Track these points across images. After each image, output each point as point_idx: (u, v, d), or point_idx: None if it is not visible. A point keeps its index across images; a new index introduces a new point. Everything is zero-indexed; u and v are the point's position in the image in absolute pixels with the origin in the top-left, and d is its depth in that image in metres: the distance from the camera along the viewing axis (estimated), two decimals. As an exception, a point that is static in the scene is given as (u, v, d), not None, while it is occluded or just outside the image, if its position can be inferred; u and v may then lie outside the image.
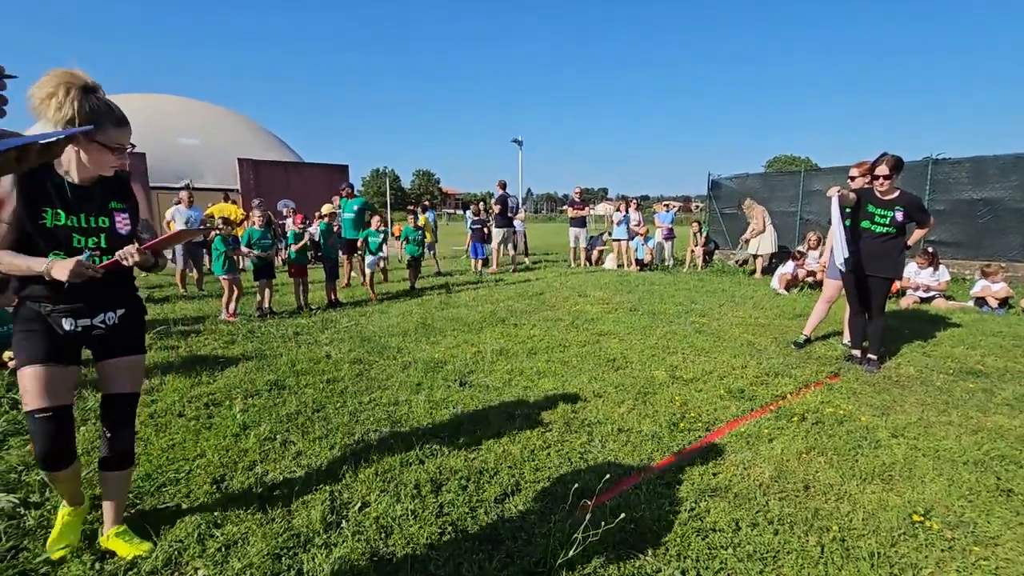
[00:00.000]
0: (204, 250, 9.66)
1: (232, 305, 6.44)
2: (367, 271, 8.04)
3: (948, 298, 7.37)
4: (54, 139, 1.02)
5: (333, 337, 5.48)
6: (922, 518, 2.20)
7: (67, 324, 1.89)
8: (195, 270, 8.88)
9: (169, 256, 8.55)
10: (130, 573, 1.94)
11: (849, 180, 5.10)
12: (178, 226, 8.44)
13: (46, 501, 2.38)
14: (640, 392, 3.78)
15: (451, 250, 17.87)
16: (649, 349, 4.96)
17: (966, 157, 9.55)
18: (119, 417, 2.05)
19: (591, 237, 12.97)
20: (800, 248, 9.14)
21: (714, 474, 2.63)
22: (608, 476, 2.58)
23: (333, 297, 7.42)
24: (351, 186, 9.73)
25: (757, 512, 2.28)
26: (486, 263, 11.45)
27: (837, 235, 4.40)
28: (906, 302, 7.32)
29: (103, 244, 1.90)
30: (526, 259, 13.30)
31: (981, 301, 6.96)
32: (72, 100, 1.66)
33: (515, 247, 13.32)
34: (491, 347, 4.99)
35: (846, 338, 5.11)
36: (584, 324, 6.03)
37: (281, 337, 5.47)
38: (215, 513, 2.28)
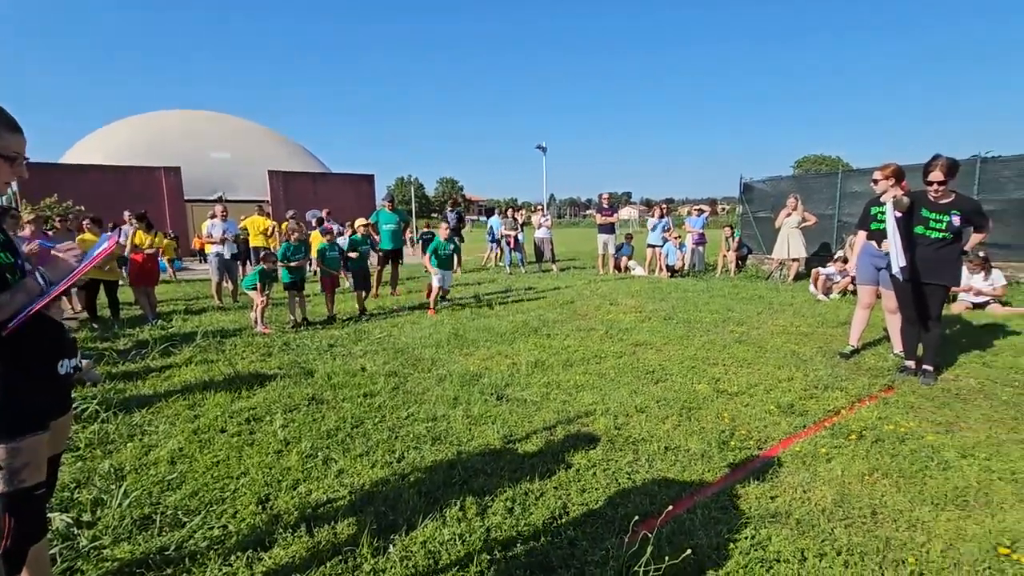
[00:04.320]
0: (239, 262, 9.86)
1: (260, 316, 6.49)
2: (435, 286, 7.52)
3: (1004, 304, 7.00)
4: None
5: (367, 349, 5.49)
6: (1008, 551, 2.04)
7: (62, 367, 1.63)
8: (231, 282, 9.06)
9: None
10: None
11: (873, 184, 4.87)
12: (216, 238, 8.63)
13: (98, 520, 2.40)
14: (684, 407, 3.66)
15: (476, 256, 17.90)
16: (688, 360, 4.82)
17: (1018, 155, 9.11)
18: (52, 483, 1.76)
19: (619, 245, 12.81)
20: (840, 253, 8.83)
21: (772, 497, 2.50)
22: (659, 499, 2.48)
23: (361, 307, 7.55)
24: (392, 198, 9.81)
25: (823, 541, 2.15)
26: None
27: (892, 242, 4.20)
28: (958, 308, 6.99)
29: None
30: (554, 266, 13.21)
31: (1040, 306, 6.59)
32: None
33: (542, 254, 13.26)
34: (525, 359, 4.92)
35: (896, 347, 4.88)
36: (618, 334, 5.91)
37: (316, 349, 5.51)
38: (262, 536, 2.26)
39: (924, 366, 4.32)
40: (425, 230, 14.43)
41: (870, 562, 2.02)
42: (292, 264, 6.76)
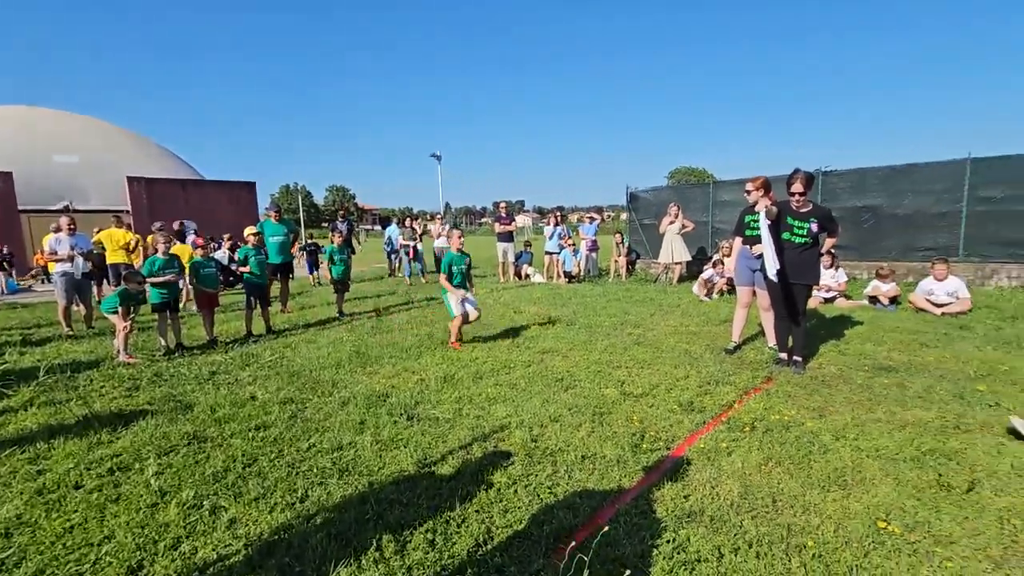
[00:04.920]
0: (93, 282, 8.57)
1: (123, 344, 5.65)
2: (456, 312, 5.75)
3: (847, 297, 8.09)
4: None
5: (257, 375, 4.98)
6: (885, 523, 2.29)
7: None
8: (82, 305, 7.81)
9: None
10: None
11: (745, 195, 5.43)
12: (62, 254, 7.38)
13: None
14: (595, 412, 3.73)
15: (372, 268, 17.25)
16: (594, 365, 4.95)
17: (850, 169, 10.62)
18: None
19: (519, 253, 13.01)
20: (717, 256, 9.67)
21: (685, 497, 2.60)
22: (582, 511, 2.48)
23: (267, 325, 6.99)
24: (278, 208, 9.07)
25: (735, 535, 2.27)
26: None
27: (766, 247, 4.64)
28: (812, 303, 7.94)
29: None
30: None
31: (874, 299, 7.69)
32: None
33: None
34: (434, 374, 4.76)
35: (771, 341, 5.40)
36: (525, 342, 5.94)
37: (195, 379, 4.89)
38: (136, 612, 1.90)
39: (795, 357, 4.82)
40: (309, 242, 13.61)
41: (777, 550, 2.16)
42: (161, 280, 5.96)
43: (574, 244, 12.42)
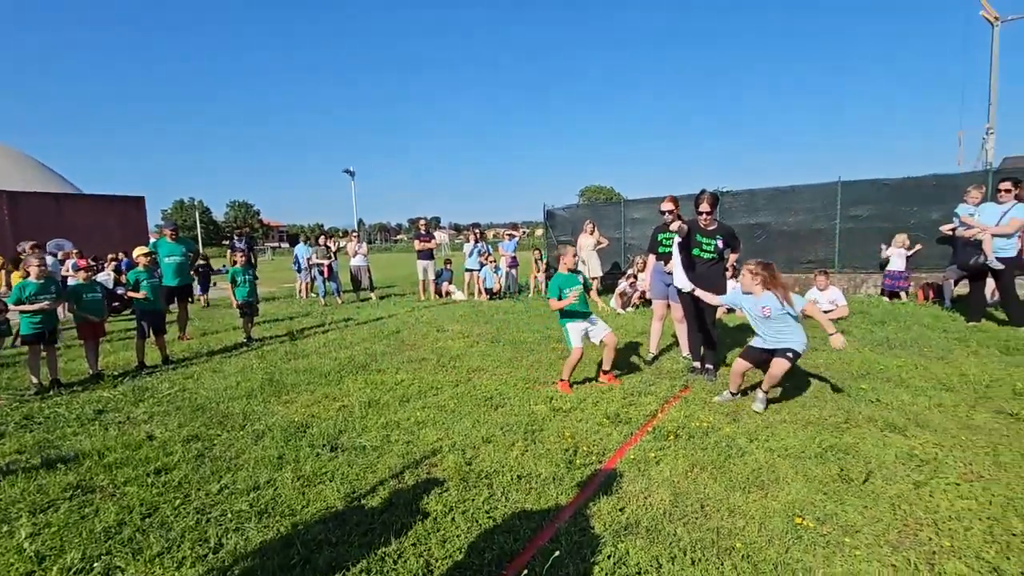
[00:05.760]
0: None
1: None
2: (575, 345, 4.69)
3: (747, 307, 8.79)
4: None
5: (153, 411, 4.48)
6: (801, 519, 2.47)
7: None
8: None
9: None
10: None
11: (661, 213, 5.79)
12: None
13: None
14: (527, 430, 3.73)
15: (281, 288, 16.30)
16: (522, 382, 4.97)
17: (743, 189, 11.64)
18: None
19: (439, 271, 12.87)
20: (631, 271, 10.16)
21: (620, 509, 2.65)
22: (522, 533, 2.45)
23: (163, 354, 6.34)
24: (175, 226, 8.29)
25: (671, 544, 2.34)
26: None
27: (677, 263, 4.93)
28: (719, 313, 8.54)
29: None
30: (372, 295, 12.67)
31: (770, 308, 8.42)
32: None
33: (359, 283, 12.65)
34: (357, 399, 4.55)
35: (685, 351, 5.73)
36: (451, 362, 5.85)
37: (77, 419, 4.31)
38: None
39: (707, 365, 5.14)
40: (201, 263, 12.62)
41: (709, 555, 2.26)
42: (33, 309, 5.22)
43: (494, 261, 12.51)
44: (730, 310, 8.64)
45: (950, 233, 7.92)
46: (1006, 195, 6.59)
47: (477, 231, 12.95)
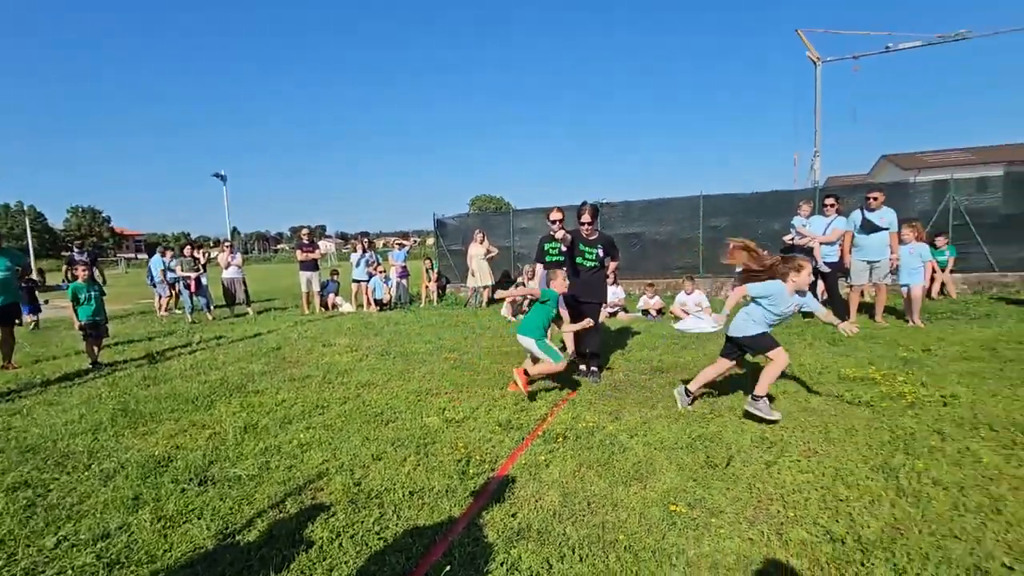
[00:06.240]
0: None
1: None
2: (548, 365, 4.68)
3: (626, 311, 9.43)
4: None
5: (-36, 457, 3.73)
6: (675, 506, 2.69)
7: None
8: None
9: None
10: None
11: (552, 223, 6.04)
12: None
13: None
14: (419, 444, 3.66)
15: (138, 304, 14.51)
16: (413, 395, 4.88)
17: (620, 201, 12.51)
18: None
19: (325, 282, 12.23)
20: (521, 280, 10.43)
21: (513, 515, 2.69)
22: (414, 550, 2.40)
23: None
24: None
25: (560, 543, 2.42)
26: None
27: (569, 271, 5.17)
28: (600, 317, 9.06)
29: None
30: (249, 309, 11.70)
31: (646, 311, 9.12)
32: None
33: (234, 297, 11.64)
34: (231, 425, 4.16)
35: (571, 354, 6.00)
36: (338, 377, 5.58)
37: None
38: None
39: (592, 367, 5.42)
40: (34, 278, 10.87)
41: (596, 549, 2.38)
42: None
43: (384, 271, 12.17)
44: (612, 314, 9.22)
45: (791, 242, 9.15)
46: (830, 209, 7.77)
47: (365, 240, 12.53)
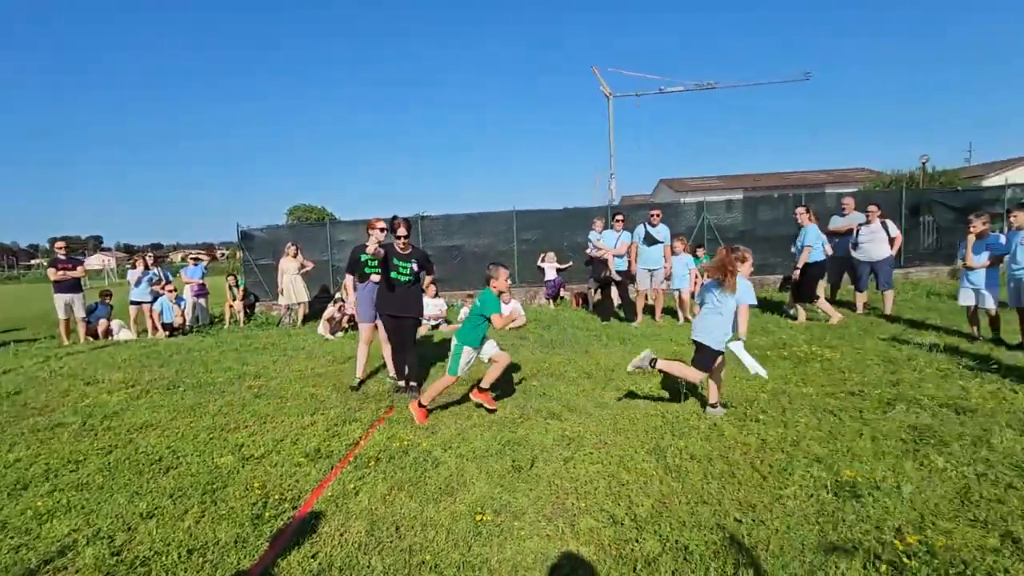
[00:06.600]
0: None
1: None
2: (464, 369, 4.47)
3: (448, 322, 9.56)
4: None
5: None
6: (482, 515, 2.77)
7: None
8: None
9: None
10: None
11: (378, 232, 5.88)
12: None
13: None
14: (206, 491, 3.21)
15: None
16: (205, 432, 4.28)
17: (440, 215, 12.71)
18: None
19: (93, 305, 10.13)
20: (339, 295, 9.91)
21: (313, 556, 2.51)
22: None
23: None
24: None
25: (363, 576, 2.32)
26: None
27: (379, 286, 5.04)
28: (422, 330, 9.05)
29: None
30: (-26, 344, 9.12)
31: (468, 321, 9.37)
32: None
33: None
34: (-71, 504, 3.17)
35: (391, 371, 5.87)
36: (103, 422, 4.63)
37: None
38: None
39: (411, 383, 5.36)
40: None
41: (402, 574, 2.33)
42: None
43: (175, 289, 10.54)
44: (435, 327, 9.27)
45: (590, 255, 10.24)
46: (619, 224, 8.88)
47: (149, 255, 10.71)
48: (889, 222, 8.22)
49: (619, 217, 8.95)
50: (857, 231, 8.27)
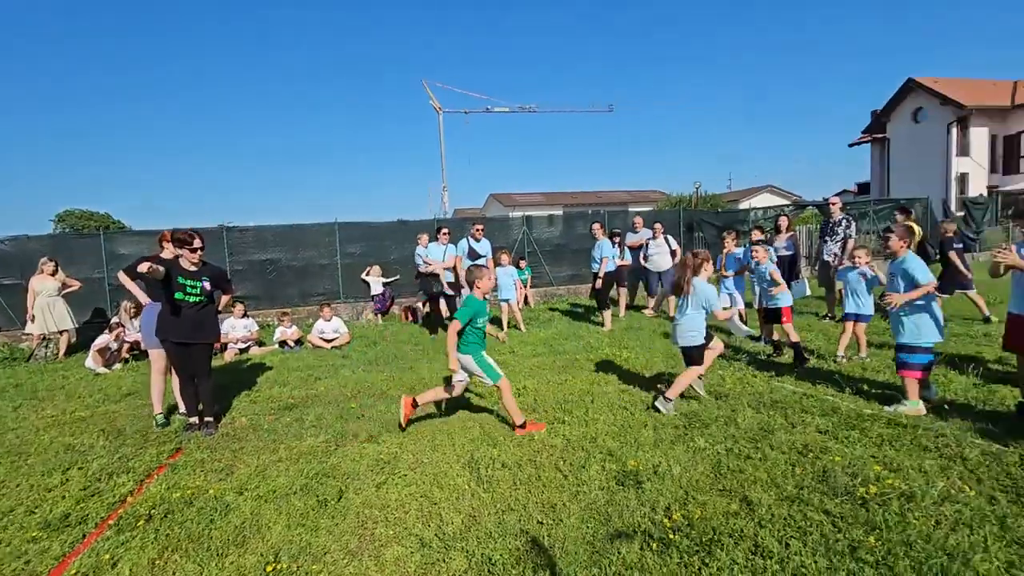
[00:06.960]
0: None
1: None
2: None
3: (260, 344, 8.65)
4: None
5: None
6: (275, 564, 2.49)
7: None
8: None
9: None
10: None
11: (164, 247, 5.07)
12: None
13: None
14: None
15: None
16: None
17: (252, 226, 11.49)
18: None
19: None
20: (116, 320, 8.32)
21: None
22: None
23: None
24: None
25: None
26: None
27: (162, 307, 4.32)
28: (229, 355, 8.04)
29: None
30: None
31: (283, 343, 8.58)
32: None
33: None
34: None
35: (180, 407, 5.07)
36: None
37: None
38: None
39: (206, 419, 4.69)
40: None
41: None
42: None
43: None
44: (244, 350, 8.30)
45: (420, 270, 10.15)
46: (444, 238, 8.96)
47: None
48: (670, 237, 9.65)
49: (444, 231, 9.03)
50: (646, 245, 9.55)
